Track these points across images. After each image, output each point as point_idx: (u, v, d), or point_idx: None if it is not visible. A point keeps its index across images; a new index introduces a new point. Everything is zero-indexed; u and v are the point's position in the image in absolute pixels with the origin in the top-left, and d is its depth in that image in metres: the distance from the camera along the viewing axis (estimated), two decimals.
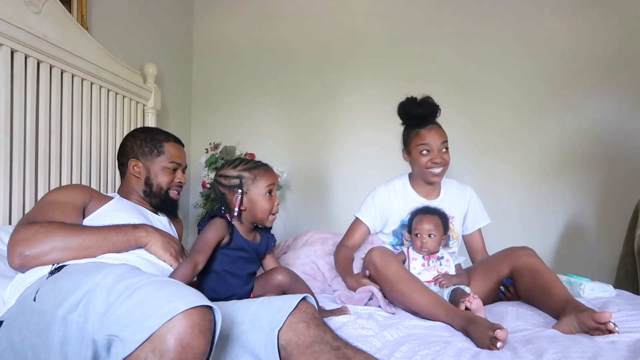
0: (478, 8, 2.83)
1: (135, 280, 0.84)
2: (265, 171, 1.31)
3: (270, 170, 1.34)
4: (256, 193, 1.28)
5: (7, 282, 1.13)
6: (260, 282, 1.34)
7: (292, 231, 2.87)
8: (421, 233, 1.63)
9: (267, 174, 1.31)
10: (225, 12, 3.13)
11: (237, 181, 1.28)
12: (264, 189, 1.29)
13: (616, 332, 1.16)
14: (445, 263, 1.64)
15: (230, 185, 1.28)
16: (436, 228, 1.64)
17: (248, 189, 1.28)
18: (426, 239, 1.62)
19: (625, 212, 2.31)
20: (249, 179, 1.28)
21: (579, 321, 1.22)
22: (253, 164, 1.33)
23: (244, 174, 1.29)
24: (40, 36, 1.59)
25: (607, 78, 2.69)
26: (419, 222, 1.66)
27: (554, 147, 2.76)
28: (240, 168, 1.30)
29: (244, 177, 1.28)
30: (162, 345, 0.74)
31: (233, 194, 1.28)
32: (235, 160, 1.34)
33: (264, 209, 1.29)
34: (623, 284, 2.15)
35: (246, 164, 1.31)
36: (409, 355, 1.05)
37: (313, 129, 3.01)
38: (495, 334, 1.11)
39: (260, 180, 1.29)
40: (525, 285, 1.51)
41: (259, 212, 1.29)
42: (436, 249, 1.65)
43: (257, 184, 1.28)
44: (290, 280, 1.33)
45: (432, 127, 1.76)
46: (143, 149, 1.50)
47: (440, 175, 1.77)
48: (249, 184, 1.28)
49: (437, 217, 1.67)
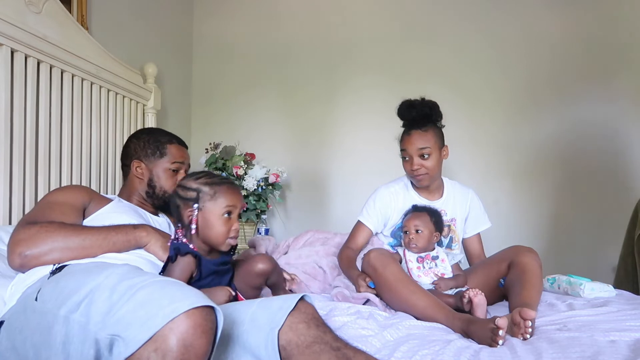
0: (478, 9, 2.83)
1: (137, 280, 0.84)
2: (228, 189, 1.18)
3: (236, 190, 1.21)
4: (212, 212, 1.15)
5: (8, 282, 1.13)
6: (241, 274, 1.29)
7: (292, 231, 2.87)
8: (408, 229, 1.65)
9: (229, 193, 1.18)
10: (225, 12, 3.13)
11: (194, 194, 1.16)
12: (221, 209, 1.15)
13: (527, 336, 1.18)
14: (440, 263, 1.63)
15: (186, 198, 1.17)
16: (423, 224, 1.64)
17: (204, 206, 1.16)
18: (413, 234, 1.63)
19: (625, 212, 2.31)
20: (208, 194, 1.16)
21: (511, 317, 1.24)
22: (217, 179, 1.20)
23: (204, 188, 1.17)
24: (40, 36, 1.59)
25: (608, 77, 2.69)
26: (406, 220, 1.68)
27: (553, 147, 2.76)
28: (202, 181, 1.18)
29: (202, 192, 1.16)
30: (165, 345, 0.74)
31: (187, 207, 1.16)
32: (201, 173, 1.23)
33: (218, 233, 1.15)
34: (623, 284, 2.15)
35: (209, 178, 1.20)
36: (408, 355, 1.05)
37: (313, 129, 3.02)
38: (496, 322, 1.13)
39: (220, 198, 1.16)
40: (509, 278, 1.55)
41: (212, 234, 1.16)
42: (426, 246, 1.64)
43: (215, 202, 1.16)
44: (271, 266, 1.28)
45: (415, 132, 1.72)
46: (146, 151, 1.50)
47: (423, 180, 1.75)
48: (205, 200, 1.16)
49: (425, 214, 1.67)
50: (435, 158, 1.73)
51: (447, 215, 1.82)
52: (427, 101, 1.76)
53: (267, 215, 2.86)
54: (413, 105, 1.75)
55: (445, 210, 1.81)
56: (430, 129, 1.73)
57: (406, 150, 1.74)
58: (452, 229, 1.84)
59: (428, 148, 1.71)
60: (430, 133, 1.73)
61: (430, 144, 1.72)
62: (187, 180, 1.21)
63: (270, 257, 1.33)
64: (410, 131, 1.74)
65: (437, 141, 1.74)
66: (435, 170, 1.75)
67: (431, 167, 1.73)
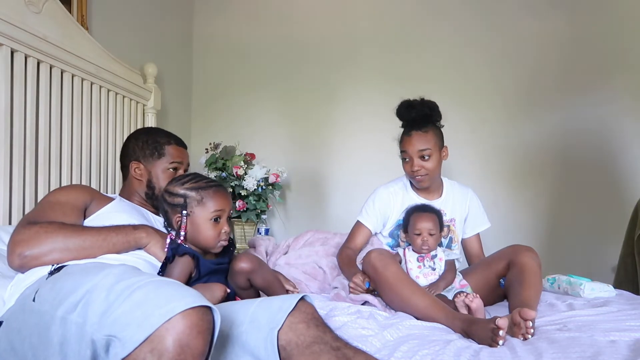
0: (477, 11, 2.83)
1: (134, 280, 0.84)
2: (215, 193, 1.17)
3: (224, 193, 1.19)
4: (200, 217, 1.14)
5: (7, 282, 1.13)
6: (230, 272, 1.27)
7: (292, 231, 2.87)
8: (422, 231, 1.61)
9: (217, 196, 1.17)
10: (225, 12, 3.13)
11: (181, 200, 1.15)
12: (210, 213, 1.15)
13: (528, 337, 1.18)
14: (438, 262, 1.62)
15: (174, 204, 1.16)
16: (435, 227, 1.63)
17: (192, 211, 1.14)
18: (427, 237, 1.60)
19: (625, 212, 2.31)
20: (195, 200, 1.15)
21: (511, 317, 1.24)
22: (204, 183, 1.18)
23: (190, 193, 1.15)
24: (40, 36, 1.59)
25: (607, 77, 2.69)
26: (418, 221, 1.63)
27: (553, 147, 2.75)
28: (188, 186, 1.17)
29: (189, 197, 1.15)
30: (161, 346, 0.74)
31: (175, 213, 1.16)
32: (187, 176, 1.21)
33: (207, 237, 1.15)
34: (623, 284, 2.15)
35: (196, 182, 1.18)
36: (408, 355, 1.05)
37: (313, 129, 3.01)
38: (497, 322, 1.12)
39: (208, 203, 1.15)
40: (509, 278, 1.54)
41: (202, 239, 1.15)
42: (435, 247, 1.64)
43: (204, 207, 1.15)
44: (253, 265, 1.24)
45: (415, 133, 1.72)
46: (144, 151, 1.49)
47: (423, 181, 1.75)
48: (193, 206, 1.15)
49: (434, 215, 1.66)
50: (436, 159, 1.73)
51: (447, 215, 1.82)
52: (427, 101, 1.75)
53: (267, 215, 2.86)
54: (412, 105, 1.74)
55: (445, 210, 1.81)
56: (430, 130, 1.73)
57: (406, 152, 1.74)
58: (451, 229, 1.84)
59: (428, 149, 1.71)
60: (431, 134, 1.73)
61: (430, 145, 1.71)
62: (173, 185, 1.19)
63: (254, 257, 1.28)
64: (410, 132, 1.73)
65: (437, 142, 1.74)
66: (435, 171, 1.75)
67: (431, 168, 1.73)
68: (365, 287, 1.52)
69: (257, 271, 1.25)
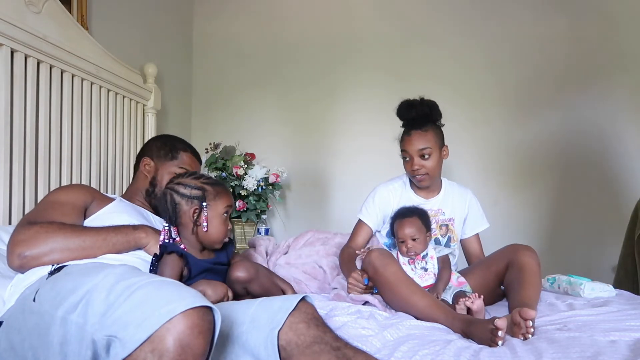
0: (477, 10, 2.83)
1: (134, 280, 0.84)
2: (224, 190, 1.22)
3: (229, 191, 1.25)
4: (215, 211, 1.18)
5: (7, 282, 1.13)
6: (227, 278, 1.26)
7: (292, 231, 2.87)
8: (405, 239, 1.58)
9: (226, 194, 1.22)
10: (225, 12, 3.13)
11: (199, 193, 1.17)
12: (222, 208, 1.19)
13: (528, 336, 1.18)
14: (430, 261, 1.60)
15: (190, 196, 1.17)
16: (418, 230, 1.58)
17: (209, 204, 1.17)
18: (411, 243, 1.58)
19: (625, 212, 2.31)
20: (212, 194, 1.18)
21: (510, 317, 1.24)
22: (213, 180, 1.23)
23: (207, 187, 1.19)
24: (40, 36, 1.59)
25: (607, 77, 2.69)
26: (399, 228, 1.60)
27: (553, 147, 2.76)
28: (203, 181, 1.20)
29: (207, 191, 1.18)
30: (162, 346, 0.74)
31: (191, 205, 1.16)
32: (195, 173, 1.26)
33: (219, 231, 1.18)
34: (623, 284, 2.15)
35: (207, 179, 1.22)
36: (409, 355, 1.05)
37: (313, 128, 3.02)
38: (495, 323, 1.13)
39: (222, 198, 1.19)
40: (508, 277, 1.54)
41: (214, 233, 1.18)
42: (423, 250, 1.60)
43: (218, 202, 1.19)
44: (249, 275, 1.24)
45: (415, 132, 1.71)
46: (159, 151, 1.52)
47: (424, 181, 1.75)
48: (210, 199, 1.18)
49: (415, 218, 1.61)
50: (436, 158, 1.73)
51: (446, 214, 1.82)
52: (427, 101, 1.76)
53: (267, 215, 2.86)
54: (412, 105, 1.74)
55: (444, 210, 1.81)
56: (430, 129, 1.73)
57: (407, 151, 1.74)
58: (450, 228, 1.84)
59: (428, 148, 1.71)
60: (431, 133, 1.73)
61: (430, 144, 1.71)
62: (186, 179, 1.21)
63: (252, 266, 1.28)
64: (411, 132, 1.73)
65: (437, 141, 1.74)
66: (435, 170, 1.75)
67: (432, 168, 1.73)
68: (364, 283, 1.52)
69: (254, 280, 1.25)
